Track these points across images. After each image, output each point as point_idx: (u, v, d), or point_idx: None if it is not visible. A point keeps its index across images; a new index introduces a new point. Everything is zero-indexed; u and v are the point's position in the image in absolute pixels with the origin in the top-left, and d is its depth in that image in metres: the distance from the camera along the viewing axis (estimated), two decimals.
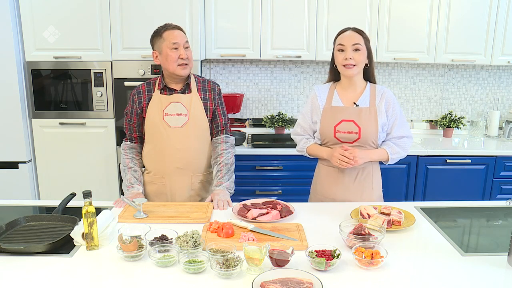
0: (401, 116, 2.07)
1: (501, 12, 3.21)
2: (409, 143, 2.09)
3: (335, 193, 2.10)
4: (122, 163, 2.19)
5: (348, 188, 2.08)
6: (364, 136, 2.01)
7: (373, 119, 2.02)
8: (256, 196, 3.10)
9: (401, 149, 2.06)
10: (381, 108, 2.03)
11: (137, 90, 2.17)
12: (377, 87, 2.08)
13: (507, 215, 1.97)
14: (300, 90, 3.66)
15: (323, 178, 2.14)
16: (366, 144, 2.03)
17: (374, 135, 2.02)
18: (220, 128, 2.22)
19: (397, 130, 2.06)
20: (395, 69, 3.65)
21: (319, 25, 3.19)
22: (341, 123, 2.03)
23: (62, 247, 1.55)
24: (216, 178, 2.15)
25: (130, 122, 2.20)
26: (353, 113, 2.03)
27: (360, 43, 1.98)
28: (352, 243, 1.52)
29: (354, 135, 2.02)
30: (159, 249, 1.48)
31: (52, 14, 2.92)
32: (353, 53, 1.98)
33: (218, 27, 3.18)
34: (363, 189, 2.09)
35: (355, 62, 1.98)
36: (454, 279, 1.38)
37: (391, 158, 2.05)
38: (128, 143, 2.22)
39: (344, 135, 2.03)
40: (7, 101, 2.95)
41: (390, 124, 2.06)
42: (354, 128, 2.01)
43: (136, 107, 2.15)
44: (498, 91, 3.73)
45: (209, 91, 2.19)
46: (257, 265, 1.38)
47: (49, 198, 3.11)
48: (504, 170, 3.19)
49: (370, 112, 2.03)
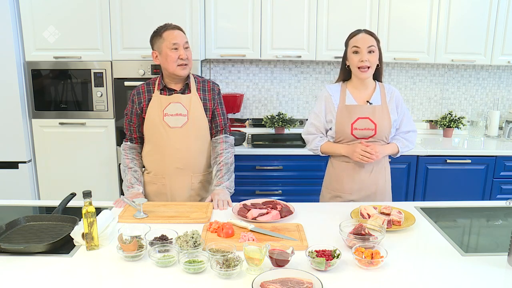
0: (408, 113, 2.22)
1: (501, 12, 3.21)
2: (415, 136, 2.23)
3: (351, 188, 2.17)
4: (122, 164, 2.19)
5: (364, 181, 2.16)
6: (380, 132, 2.11)
7: (386, 115, 2.13)
8: (256, 196, 3.10)
9: (409, 143, 2.20)
10: (392, 105, 2.15)
11: (137, 91, 2.17)
12: (385, 86, 2.20)
13: (507, 215, 1.97)
14: (300, 90, 3.66)
15: (339, 174, 2.19)
16: (381, 139, 2.14)
17: (388, 130, 2.13)
18: (219, 128, 2.22)
19: (405, 125, 2.19)
20: (395, 69, 3.65)
21: (319, 25, 3.19)
22: (358, 120, 2.10)
23: (62, 247, 1.55)
24: (216, 177, 2.15)
25: (130, 122, 2.20)
26: (368, 110, 2.11)
27: (374, 45, 2.07)
28: (352, 243, 1.52)
29: (370, 132, 2.11)
30: (159, 249, 1.48)
31: (52, 14, 2.91)
32: (368, 55, 2.05)
33: (218, 27, 3.18)
34: (378, 181, 2.18)
35: (370, 63, 2.06)
36: (454, 279, 1.38)
37: (400, 152, 2.18)
38: (128, 144, 2.22)
39: (360, 132, 2.11)
40: (7, 101, 2.95)
41: (400, 120, 2.18)
42: (370, 125, 2.10)
43: (136, 107, 2.15)
44: (498, 91, 3.73)
45: (208, 91, 2.19)
46: (257, 265, 1.38)
47: (49, 198, 3.10)
48: (504, 170, 3.19)
49: (383, 109, 2.13)
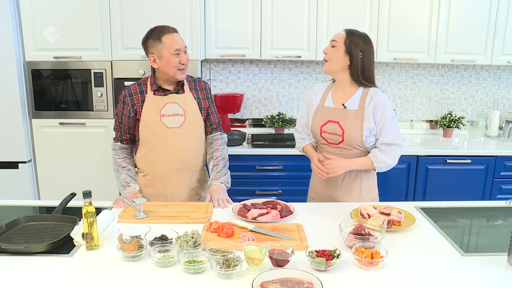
0: (392, 122, 1.98)
1: (501, 12, 3.21)
2: (398, 151, 1.99)
3: (324, 192, 2.13)
4: (114, 164, 2.16)
5: (335, 188, 2.09)
6: (348, 139, 1.98)
7: (359, 122, 1.97)
8: (256, 196, 3.10)
9: (387, 158, 1.96)
10: (369, 111, 1.97)
11: (129, 92, 2.12)
12: (371, 90, 2.00)
13: (507, 215, 1.97)
14: (300, 90, 3.66)
15: (316, 177, 2.16)
16: (351, 147, 2.00)
17: (358, 138, 1.97)
18: (214, 126, 2.24)
19: (386, 136, 1.97)
20: (395, 69, 3.65)
21: (319, 25, 3.19)
22: (328, 123, 2.03)
23: (62, 247, 1.55)
24: (213, 172, 2.15)
25: (120, 124, 2.15)
26: (340, 114, 2.01)
27: (336, 40, 1.98)
28: (352, 243, 1.52)
29: (338, 137, 2.00)
30: (159, 249, 1.48)
31: (52, 14, 2.91)
32: (329, 49, 2.00)
33: (218, 27, 3.18)
34: (351, 192, 2.08)
35: (327, 57, 2.00)
36: (454, 279, 1.38)
37: (377, 167, 1.98)
38: (119, 144, 2.18)
39: (329, 136, 2.03)
40: (7, 101, 2.95)
41: (378, 128, 1.98)
42: (338, 130, 2.00)
43: (129, 109, 2.11)
44: (498, 91, 3.73)
45: (201, 90, 2.20)
46: (257, 265, 1.38)
47: (49, 198, 3.10)
48: (504, 170, 3.19)
49: (357, 115, 1.98)
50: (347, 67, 1.98)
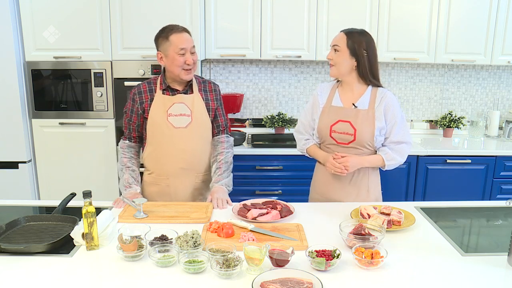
0: (401, 121, 2.02)
1: (501, 12, 3.21)
2: (407, 149, 2.04)
3: (330, 193, 2.11)
4: (120, 162, 2.18)
5: (343, 189, 2.08)
6: (360, 139, 1.99)
7: (370, 121, 1.99)
8: (256, 196, 3.10)
9: (397, 155, 2.01)
10: (380, 111, 1.99)
11: (138, 90, 2.14)
12: (379, 90, 2.03)
13: (507, 215, 1.97)
14: (300, 90, 3.65)
15: (320, 178, 2.15)
16: (362, 146, 2.01)
17: (370, 138, 1.99)
18: (221, 128, 2.23)
19: (395, 135, 2.00)
20: (395, 69, 3.65)
21: (319, 25, 3.19)
22: (338, 123, 2.02)
23: (62, 247, 1.55)
24: (215, 174, 2.15)
25: (129, 121, 2.18)
26: (351, 114, 2.01)
27: (338, 44, 1.97)
28: (352, 243, 1.52)
29: (350, 137, 2.00)
30: (159, 249, 1.48)
31: (52, 14, 2.91)
32: (333, 54, 1.99)
33: (218, 27, 3.18)
34: (359, 191, 2.09)
35: (333, 62, 1.99)
36: (454, 279, 1.38)
37: (387, 165, 2.02)
38: (127, 142, 2.20)
39: (339, 135, 2.02)
40: (7, 101, 2.95)
41: (389, 128, 2.01)
42: (349, 130, 2.00)
43: (137, 107, 2.13)
44: (498, 91, 3.73)
45: (210, 91, 2.20)
46: (257, 265, 1.38)
47: (49, 198, 3.10)
48: (504, 170, 3.19)
49: (368, 114, 1.99)
50: (354, 68, 1.99)
